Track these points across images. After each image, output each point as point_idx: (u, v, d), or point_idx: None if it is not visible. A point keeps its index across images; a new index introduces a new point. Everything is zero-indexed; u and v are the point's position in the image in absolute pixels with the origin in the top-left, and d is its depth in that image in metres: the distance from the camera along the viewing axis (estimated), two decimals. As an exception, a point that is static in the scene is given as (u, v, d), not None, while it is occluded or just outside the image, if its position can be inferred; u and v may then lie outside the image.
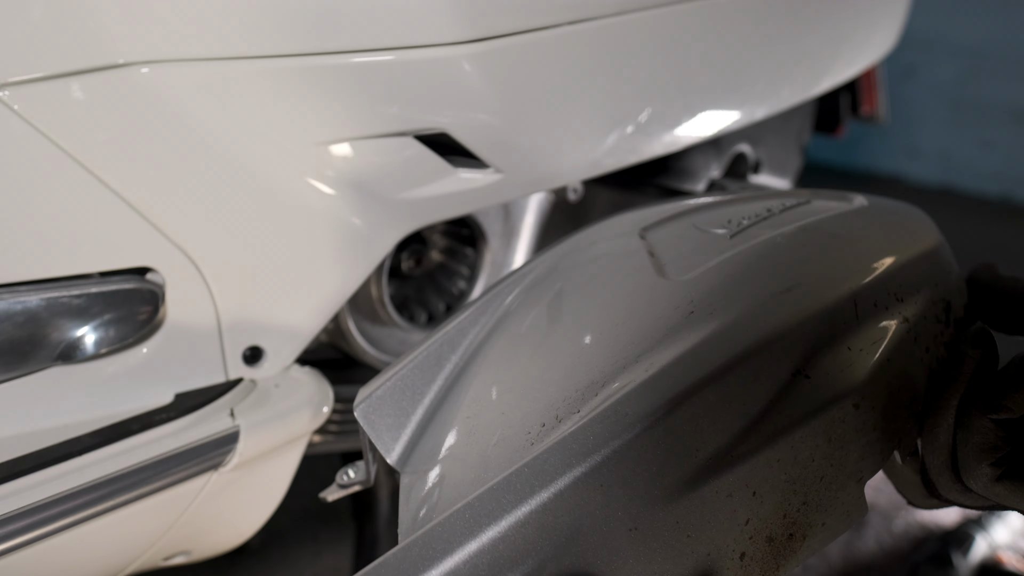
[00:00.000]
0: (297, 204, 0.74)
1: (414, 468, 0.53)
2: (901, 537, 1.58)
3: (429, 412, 0.55)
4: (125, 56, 0.66)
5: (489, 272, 1.06)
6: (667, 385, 0.45)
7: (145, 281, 0.71)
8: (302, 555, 1.41)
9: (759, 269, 0.52)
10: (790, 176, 1.38)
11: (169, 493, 0.70)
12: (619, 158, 0.89)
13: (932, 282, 0.55)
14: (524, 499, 0.43)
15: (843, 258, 0.54)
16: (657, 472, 0.43)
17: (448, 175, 0.79)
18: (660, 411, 0.44)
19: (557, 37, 0.77)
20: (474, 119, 0.76)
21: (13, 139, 0.63)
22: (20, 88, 0.63)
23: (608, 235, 0.64)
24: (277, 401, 0.76)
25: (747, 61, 0.97)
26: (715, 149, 1.22)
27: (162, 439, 0.70)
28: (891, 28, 1.26)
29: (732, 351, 0.46)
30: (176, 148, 0.69)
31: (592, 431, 0.44)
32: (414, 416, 0.55)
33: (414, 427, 0.55)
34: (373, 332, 0.98)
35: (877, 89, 1.46)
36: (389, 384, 0.56)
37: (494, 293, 0.60)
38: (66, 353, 0.69)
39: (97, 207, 0.67)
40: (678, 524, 0.44)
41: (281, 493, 0.82)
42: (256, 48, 0.69)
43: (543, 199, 1.08)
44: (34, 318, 0.67)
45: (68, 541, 0.66)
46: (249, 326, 0.75)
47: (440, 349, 0.57)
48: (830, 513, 0.47)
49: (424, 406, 0.56)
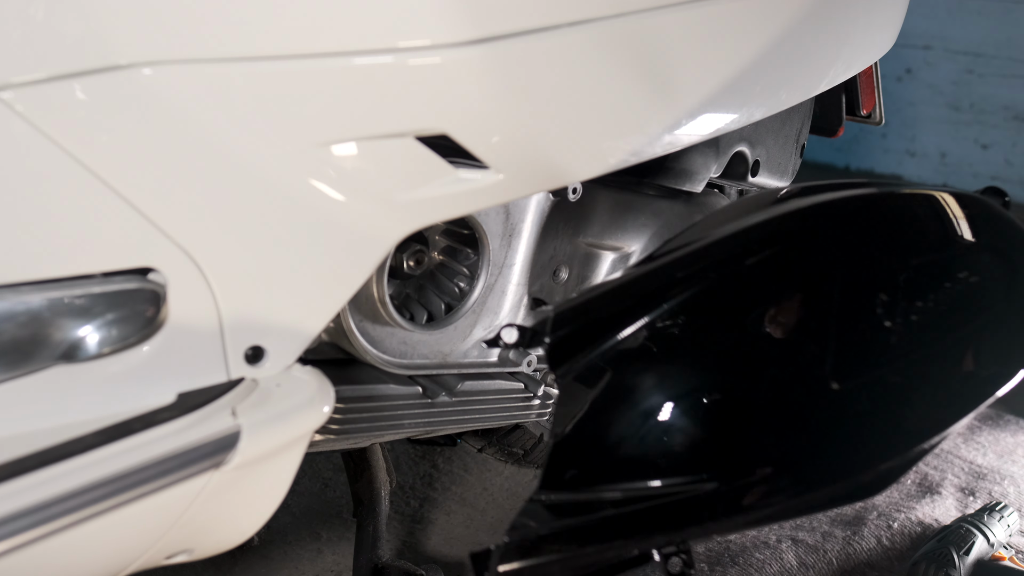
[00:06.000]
0: (298, 204, 0.75)
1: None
2: (901, 536, 1.59)
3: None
4: (127, 57, 0.66)
5: (489, 272, 1.06)
6: None
7: (147, 281, 0.71)
8: (303, 554, 1.41)
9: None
10: (789, 176, 1.39)
11: (171, 492, 0.70)
12: (619, 158, 0.89)
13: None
14: None
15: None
16: None
17: (448, 175, 0.80)
18: None
19: (557, 38, 0.77)
20: (474, 120, 0.77)
21: (16, 140, 0.64)
22: (23, 89, 0.63)
23: None
24: (279, 400, 0.76)
25: (746, 62, 0.97)
26: (714, 149, 1.22)
27: (164, 438, 0.70)
28: (889, 29, 1.27)
29: None
30: (178, 149, 0.69)
31: None
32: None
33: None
34: (374, 331, 0.99)
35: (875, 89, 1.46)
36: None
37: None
38: (69, 352, 0.69)
39: (99, 208, 0.67)
40: None
41: (283, 492, 0.82)
42: (258, 49, 0.69)
43: (543, 199, 1.08)
44: (37, 318, 0.67)
45: (71, 540, 0.66)
46: (250, 326, 0.76)
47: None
48: None
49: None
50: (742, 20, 0.94)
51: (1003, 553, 1.49)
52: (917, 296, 0.76)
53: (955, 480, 1.78)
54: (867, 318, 0.75)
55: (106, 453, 0.68)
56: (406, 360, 1.02)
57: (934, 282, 0.78)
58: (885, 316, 0.74)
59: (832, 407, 0.73)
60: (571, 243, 1.15)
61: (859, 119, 1.48)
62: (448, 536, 1.47)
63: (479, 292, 1.06)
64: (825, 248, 0.78)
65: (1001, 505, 1.59)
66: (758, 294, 0.75)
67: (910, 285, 0.76)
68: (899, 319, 0.75)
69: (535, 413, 1.20)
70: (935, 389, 0.78)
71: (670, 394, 0.72)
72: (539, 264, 1.12)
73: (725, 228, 0.78)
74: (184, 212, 0.71)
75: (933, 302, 0.76)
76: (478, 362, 1.10)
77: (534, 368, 1.15)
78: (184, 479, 0.71)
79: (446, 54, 0.72)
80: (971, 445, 1.91)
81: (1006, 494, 1.74)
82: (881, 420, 0.74)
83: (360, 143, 0.75)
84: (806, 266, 0.76)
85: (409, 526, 1.49)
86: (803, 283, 0.75)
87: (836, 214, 0.81)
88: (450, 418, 1.10)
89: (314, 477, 1.61)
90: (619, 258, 1.18)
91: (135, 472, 0.68)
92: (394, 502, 1.53)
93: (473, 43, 0.73)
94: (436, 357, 1.05)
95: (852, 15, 1.13)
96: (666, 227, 1.20)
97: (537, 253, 1.11)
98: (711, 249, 0.76)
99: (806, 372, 0.73)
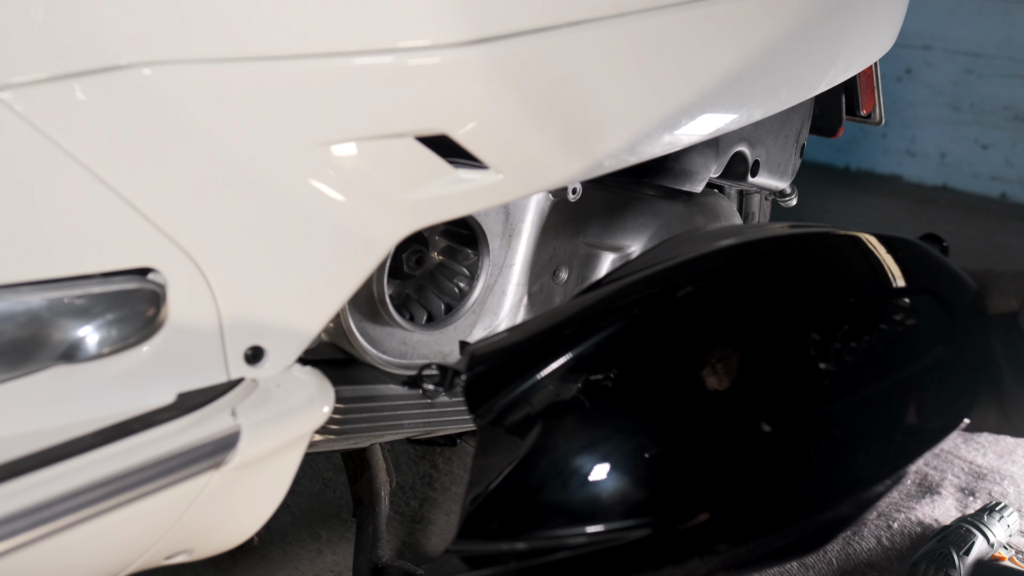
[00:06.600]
0: (298, 204, 0.75)
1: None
2: (901, 536, 1.59)
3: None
4: (127, 57, 0.66)
5: (489, 272, 1.06)
6: None
7: (147, 281, 0.71)
8: (303, 554, 1.41)
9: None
10: (789, 176, 1.39)
11: (171, 492, 0.70)
12: (618, 158, 0.89)
13: None
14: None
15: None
16: None
17: (448, 176, 0.80)
18: None
19: (556, 38, 0.77)
20: (474, 120, 0.77)
21: (15, 140, 0.64)
22: (22, 89, 0.63)
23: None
24: (278, 401, 0.76)
25: (746, 62, 0.97)
26: (714, 149, 1.22)
27: (164, 438, 0.70)
28: (889, 28, 1.27)
29: None
30: (178, 149, 0.69)
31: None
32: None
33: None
34: (373, 332, 0.99)
35: (875, 89, 1.46)
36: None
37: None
38: (68, 353, 0.69)
39: (99, 208, 0.67)
40: None
41: (282, 492, 0.82)
42: (258, 49, 0.69)
43: (543, 199, 1.08)
44: (36, 318, 0.67)
45: (70, 540, 0.66)
46: (250, 326, 0.76)
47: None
48: None
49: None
50: (742, 20, 0.94)
51: (1003, 553, 1.49)
52: (850, 339, 0.72)
53: (955, 480, 1.78)
54: (799, 360, 0.71)
55: (106, 453, 0.68)
56: (406, 360, 1.02)
57: (867, 325, 0.74)
58: (818, 358, 0.71)
59: (765, 452, 0.69)
60: (571, 243, 1.15)
61: (859, 119, 1.48)
62: (448, 536, 1.47)
63: (479, 292, 1.06)
64: (755, 287, 0.74)
65: (1001, 505, 1.59)
66: (686, 333, 0.71)
67: (842, 327, 0.72)
68: (832, 362, 0.71)
69: (535, 413, 1.20)
70: (875, 436, 0.74)
71: (595, 437, 0.67)
72: (539, 264, 1.12)
73: (659, 263, 0.75)
74: (184, 212, 0.71)
75: (867, 346, 0.73)
76: (478, 362, 1.10)
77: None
78: (184, 479, 0.71)
79: (446, 54, 0.72)
80: (971, 445, 1.91)
81: (1006, 494, 1.74)
82: (817, 468, 0.70)
83: (360, 143, 0.74)
84: (735, 304, 0.73)
85: (409, 526, 1.49)
86: (731, 322, 0.72)
87: (767, 252, 0.78)
88: (450, 418, 1.10)
89: (314, 477, 1.61)
90: (619, 258, 1.18)
91: (135, 472, 0.68)
92: (394, 502, 1.53)
93: (473, 43, 0.73)
94: (436, 357, 1.05)
95: (852, 15, 1.13)
96: (666, 227, 1.20)
97: (537, 253, 1.11)
98: (638, 284, 0.73)
99: (733, 414, 0.69)
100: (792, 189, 1.44)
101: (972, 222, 3.20)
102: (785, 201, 1.47)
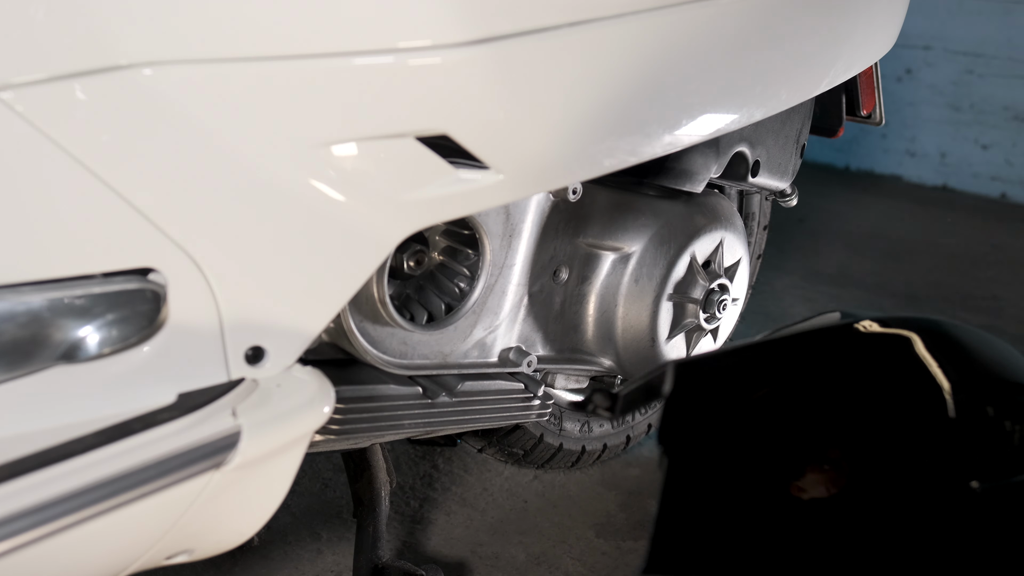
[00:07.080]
0: (298, 205, 0.75)
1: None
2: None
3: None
4: (128, 57, 0.66)
5: (489, 272, 1.06)
6: None
7: (147, 281, 0.71)
8: (303, 554, 1.41)
9: None
10: (789, 177, 1.39)
11: (171, 492, 0.70)
12: (619, 159, 0.89)
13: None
14: None
15: None
16: None
17: (448, 176, 0.80)
18: None
19: (557, 39, 0.77)
20: (474, 121, 0.77)
21: (16, 140, 0.64)
22: (23, 90, 0.63)
23: None
24: (279, 401, 0.76)
25: (746, 62, 0.97)
26: (714, 150, 1.22)
27: (164, 438, 0.70)
28: (890, 29, 1.27)
29: None
30: (178, 149, 0.69)
31: None
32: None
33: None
34: (374, 332, 0.98)
35: (875, 89, 1.46)
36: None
37: None
38: (69, 353, 0.69)
39: (99, 208, 0.67)
40: None
41: (283, 492, 0.82)
42: (258, 49, 0.69)
43: (543, 199, 1.08)
44: (37, 318, 0.67)
45: (70, 540, 0.66)
46: (251, 326, 0.76)
47: None
48: None
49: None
50: (742, 20, 0.95)
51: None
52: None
53: (955, 480, 1.78)
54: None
55: (106, 453, 0.68)
56: (406, 360, 1.02)
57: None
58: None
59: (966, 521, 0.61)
60: (571, 243, 1.15)
61: (859, 119, 1.48)
62: (448, 536, 1.47)
63: (479, 292, 1.06)
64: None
65: (1001, 505, 1.59)
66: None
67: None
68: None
69: (535, 413, 1.20)
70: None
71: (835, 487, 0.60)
72: (539, 264, 1.12)
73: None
74: (184, 212, 0.71)
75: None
76: (478, 362, 1.10)
77: (534, 369, 1.15)
78: (184, 480, 0.71)
79: (446, 54, 0.72)
80: (971, 445, 1.90)
81: (1006, 494, 1.73)
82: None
83: (360, 143, 0.75)
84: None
85: (409, 526, 1.49)
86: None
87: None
88: (450, 418, 1.10)
89: (314, 477, 1.61)
90: (619, 259, 1.18)
91: (135, 473, 0.68)
92: (394, 502, 1.53)
93: (474, 43, 0.73)
94: (436, 357, 1.05)
95: (852, 15, 1.13)
96: (666, 228, 1.20)
97: (537, 253, 1.11)
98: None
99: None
100: (792, 189, 1.44)
101: (972, 222, 3.20)
102: (785, 201, 1.47)
